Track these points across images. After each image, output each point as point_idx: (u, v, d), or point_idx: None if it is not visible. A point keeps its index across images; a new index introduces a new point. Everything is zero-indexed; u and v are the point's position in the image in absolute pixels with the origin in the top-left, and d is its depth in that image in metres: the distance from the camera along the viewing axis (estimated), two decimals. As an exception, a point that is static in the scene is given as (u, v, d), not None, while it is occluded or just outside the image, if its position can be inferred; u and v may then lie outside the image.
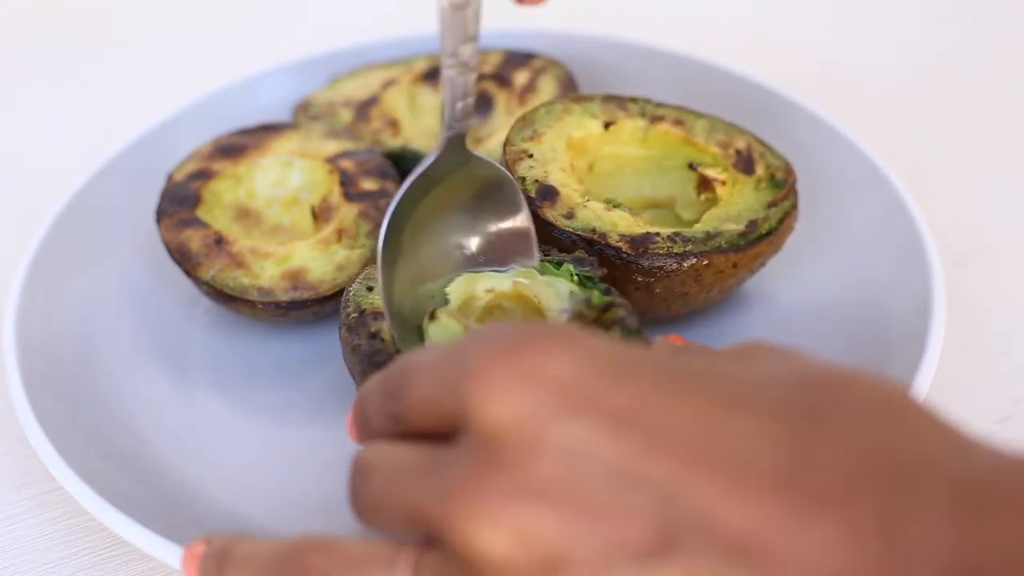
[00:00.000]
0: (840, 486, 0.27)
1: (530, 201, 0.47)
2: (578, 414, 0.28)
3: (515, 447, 0.28)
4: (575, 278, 0.45)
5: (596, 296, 0.43)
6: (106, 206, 0.56)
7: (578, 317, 0.42)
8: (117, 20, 0.83)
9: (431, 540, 0.30)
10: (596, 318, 0.43)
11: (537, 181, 0.48)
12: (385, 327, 0.42)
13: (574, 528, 0.27)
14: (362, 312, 0.43)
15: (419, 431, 0.32)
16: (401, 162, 0.56)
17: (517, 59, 0.62)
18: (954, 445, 0.28)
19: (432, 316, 0.42)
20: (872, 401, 0.29)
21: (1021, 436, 0.47)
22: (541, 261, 0.46)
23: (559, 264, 0.46)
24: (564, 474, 0.27)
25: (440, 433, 0.31)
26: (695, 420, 0.28)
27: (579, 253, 0.46)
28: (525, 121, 0.52)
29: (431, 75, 0.62)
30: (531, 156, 0.50)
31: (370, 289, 0.44)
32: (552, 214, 0.47)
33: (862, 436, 0.27)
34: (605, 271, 0.45)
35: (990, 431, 0.47)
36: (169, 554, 0.38)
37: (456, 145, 0.46)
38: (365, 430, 0.34)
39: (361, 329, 0.42)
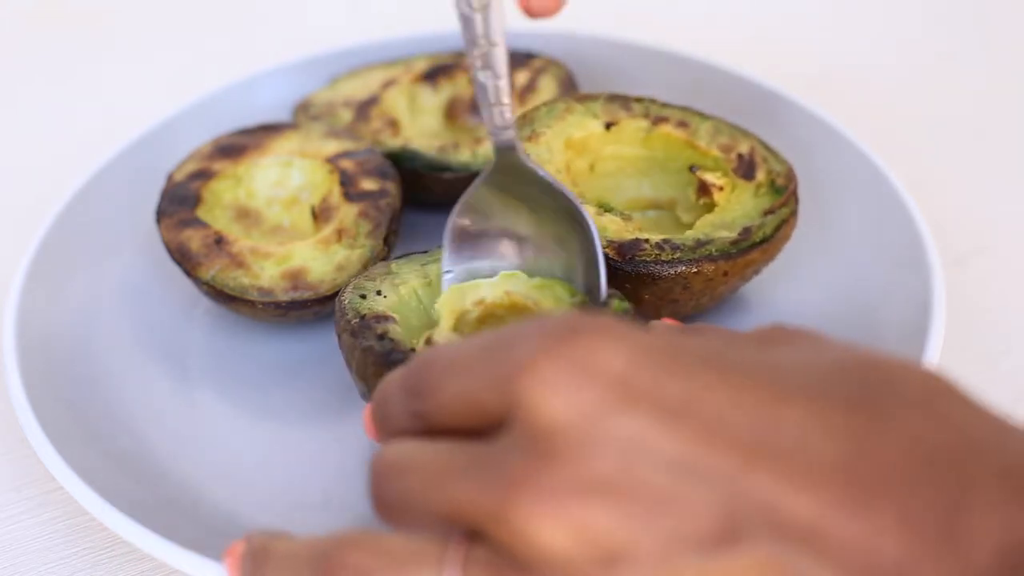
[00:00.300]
0: (895, 475, 0.27)
1: None
2: (634, 407, 0.28)
3: (572, 441, 0.28)
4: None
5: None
6: (106, 206, 0.56)
7: None
8: (117, 20, 0.83)
9: (476, 535, 0.30)
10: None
11: None
12: (391, 328, 0.42)
13: (636, 522, 0.27)
14: (363, 317, 0.43)
15: (447, 428, 0.31)
16: (401, 162, 0.56)
17: (517, 59, 0.62)
18: (1001, 432, 0.28)
19: (428, 342, 0.42)
20: (919, 389, 0.29)
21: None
22: None
23: None
24: (624, 468, 0.27)
25: (471, 429, 0.31)
26: (751, 410, 0.28)
27: None
28: (525, 120, 0.51)
29: (431, 75, 0.62)
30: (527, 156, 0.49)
31: (363, 297, 0.44)
32: None
33: (914, 425, 0.28)
34: None
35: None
36: (169, 554, 0.38)
37: (506, 158, 0.44)
38: (385, 428, 0.34)
39: (367, 332, 0.42)
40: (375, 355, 0.41)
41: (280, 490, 0.45)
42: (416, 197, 0.57)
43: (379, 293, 0.45)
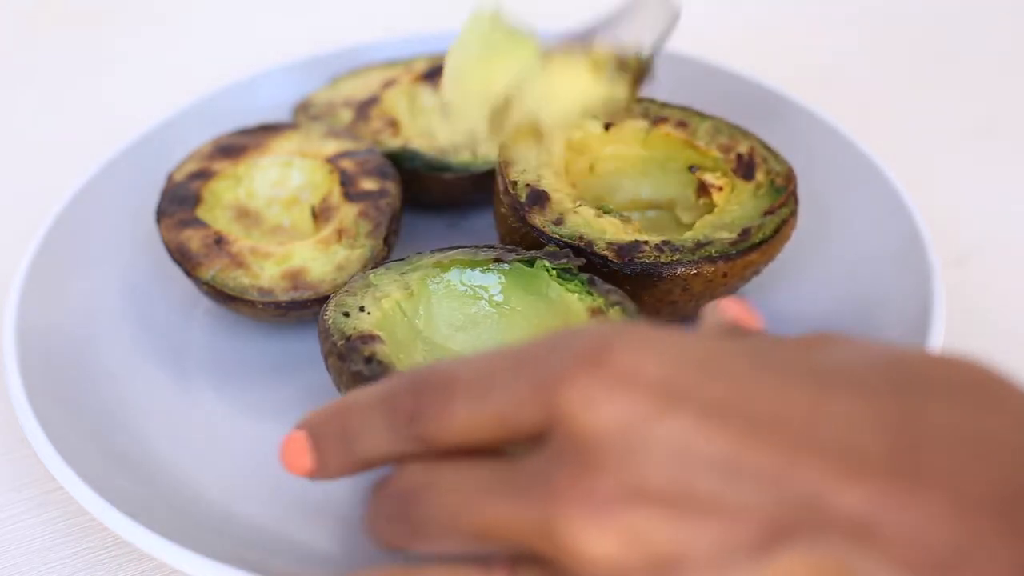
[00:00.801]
0: (944, 461, 0.27)
1: (520, 206, 0.47)
2: (676, 412, 0.28)
3: (617, 450, 0.28)
4: (552, 273, 0.45)
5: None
6: (106, 206, 0.56)
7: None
8: (117, 20, 0.83)
9: (518, 558, 0.29)
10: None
11: (528, 185, 0.48)
12: (379, 349, 0.41)
13: (687, 526, 0.27)
14: (348, 338, 0.42)
15: (452, 448, 0.31)
16: (401, 162, 0.56)
17: None
18: None
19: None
20: (962, 379, 0.29)
21: (1021, 436, 0.47)
22: (512, 261, 0.45)
23: (531, 262, 0.45)
24: (670, 473, 0.27)
25: (484, 448, 0.30)
26: (792, 407, 0.28)
27: (550, 247, 0.45)
28: None
29: (431, 75, 0.62)
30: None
31: (346, 315, 0.43)
32: (541, 220, 0.47)
33: (960, 411, 0.28)
34: (583, 261, 0.45)
35: (990, 431, 0.47)
36: (169, 554, 0.38)
37: None
38: (348, 455, 0.33)
39: (354, 355, 0.41)
40: (364, 380, 0.40)
41: (280, 490, 0.45)
42: (416, 197, 0.57)
43: (362, 309, 0.44)
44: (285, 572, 0.39)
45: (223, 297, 0.49)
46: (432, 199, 0.58)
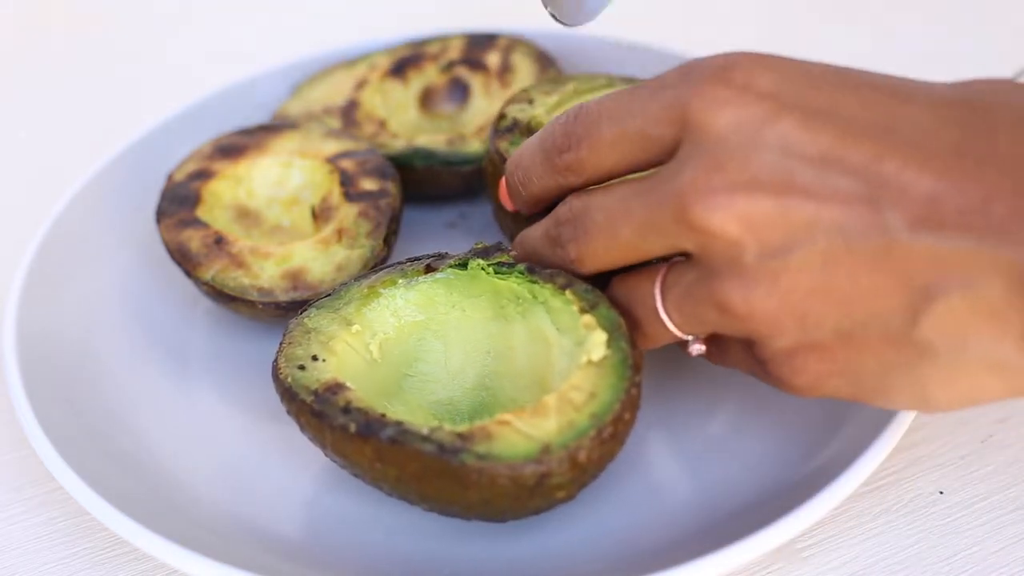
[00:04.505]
0: (1003, 151, 0.32)
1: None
2: (785, 116, 0.34)
3: (736, 148, 0.34)
4: (489, 271, 0.43)
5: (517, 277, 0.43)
6: (106, 206, 0.56)
7: None
8: (117, 20, 0.83)
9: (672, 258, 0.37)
10: None
11: (516, 120, 0.49)
12: (352, 396, 0.39)
13: (790, 207, 0.33)
14: (316, 393, 0.40)
15: (601, 173, 0.38)
16: (414, 160, 0.56)
17: (480, 41, 0.61)
18: None
19: None
20: None
21: (1020, 436, 0.47)
22: (445, 268, 0.44)
23: (464, 264, 0.44)
24: (777, 166, 0.33)
25: (627, 170, 0.37)
26: (879, 109, 0.34)
27: (478, 244, 0.44)
28: (524, 94, 0.52)
29: (397, 70, 0.61)
30: (530, 101, 0.51)
31: (302, 368, 0.41)
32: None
33: (1018, 110, 0.33)
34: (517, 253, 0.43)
35: (988, 432, 0.47)
36: (169, 554, 0.38)
37: None
38: (526, 192, 0.41)
39: (330, 409, 0.39)
40: (350, 434, 0.38)
41: (280, 490, 0.45)
42: (425, 195, 0.57)
43: (315, 358, 0.41)
44: (284, 572, 0.39)
45: (223, 297, 0.49)
46: (446, 194, 0.57)
